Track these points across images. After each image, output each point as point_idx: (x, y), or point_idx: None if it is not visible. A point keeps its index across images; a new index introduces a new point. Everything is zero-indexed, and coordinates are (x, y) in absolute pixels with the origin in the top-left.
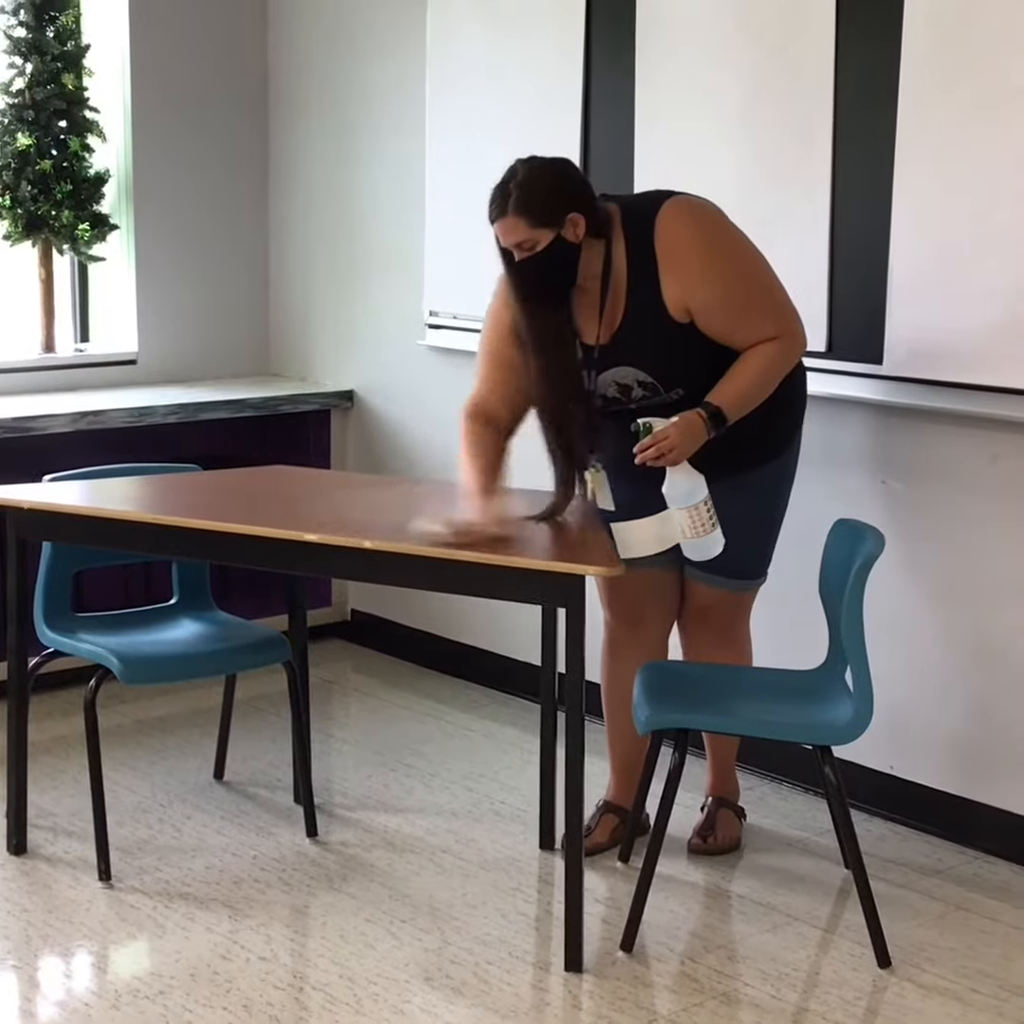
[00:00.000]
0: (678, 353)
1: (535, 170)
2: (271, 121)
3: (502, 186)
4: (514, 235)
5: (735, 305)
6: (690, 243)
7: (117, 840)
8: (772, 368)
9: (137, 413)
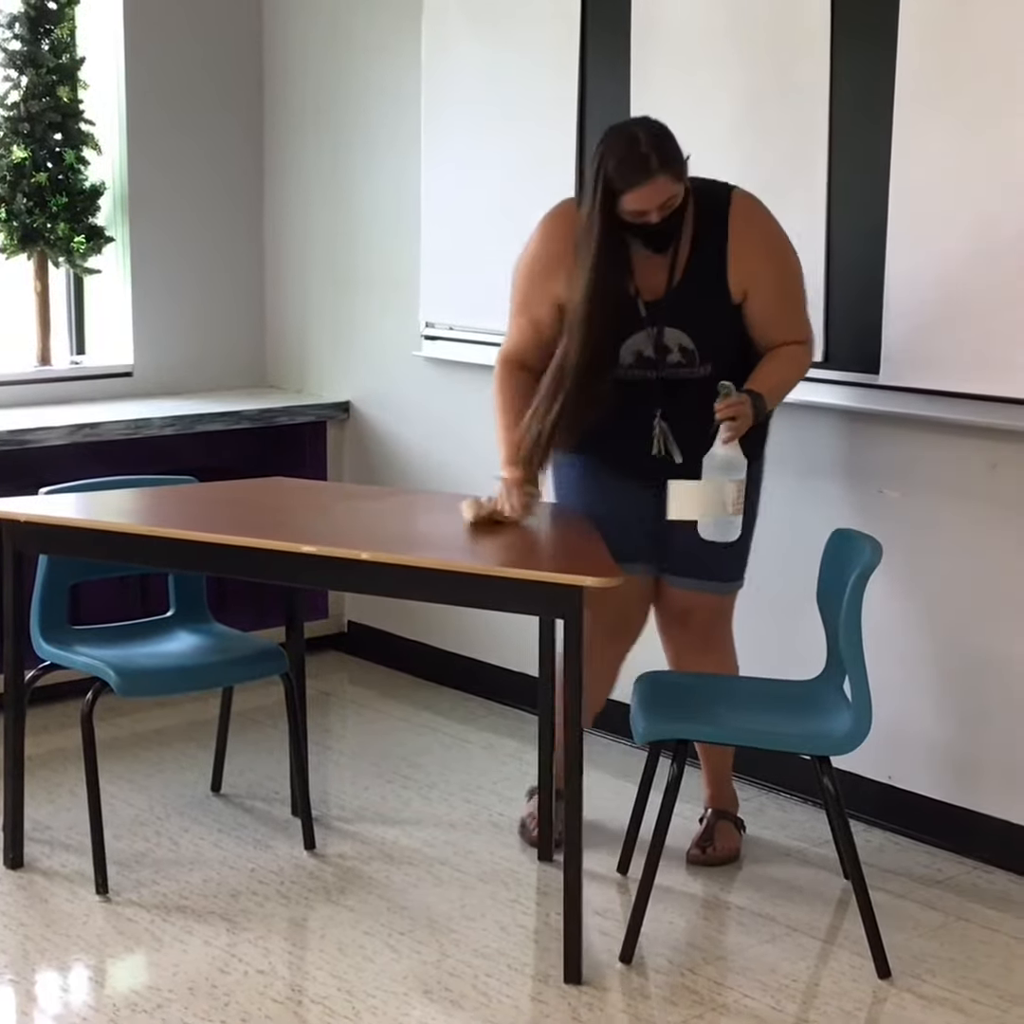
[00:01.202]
0: (724, 328)
1: (656, 129)
2: (266, 133)
3: (631, 152)
4: (664, 193)
5: (787, 299)
6: (764, 229)
7: (114, 853)
8: (799, 370)
9: (133, 425)
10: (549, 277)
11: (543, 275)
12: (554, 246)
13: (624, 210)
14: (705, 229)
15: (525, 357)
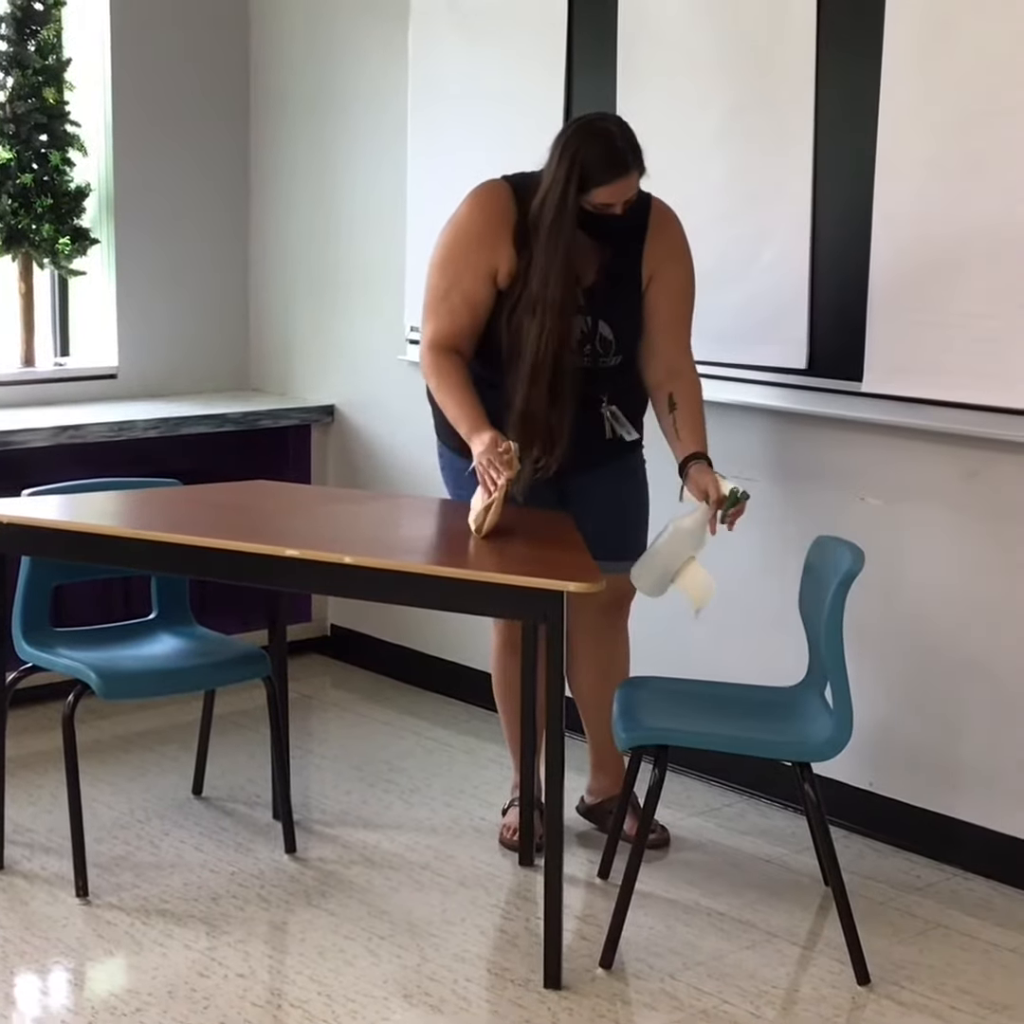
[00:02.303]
0: (635, 317)
1: (625, 125)
2: (252, 135)
3: (609, 148)
4: (633, 188)
5: (683, 302)
6: (678, 232)
7: (95, 856)
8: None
9: (117, 427)
10: (485, 252)
11: (479, 250)
12: (489, 222)
13: (591, 202)
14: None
15: (458, 342)
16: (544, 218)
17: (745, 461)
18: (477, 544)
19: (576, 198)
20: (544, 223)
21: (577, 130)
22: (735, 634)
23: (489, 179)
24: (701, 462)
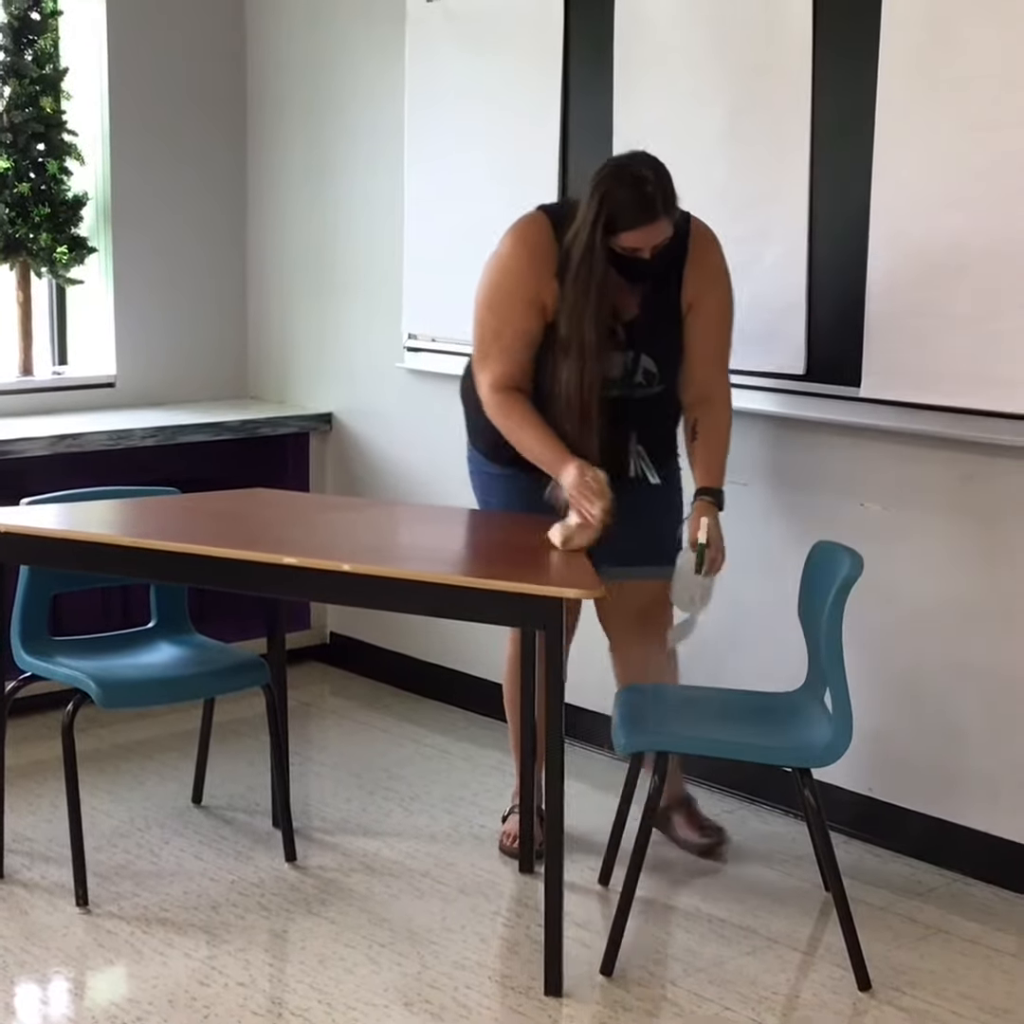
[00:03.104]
0: (677, 346)
1: (659, 169)
2: (249, 143)
3: (638, 192)
4: (662, 234)
5: (722, 331)
6: (718, 258)
7: (94, 865)
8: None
9: (115, 436)
10: (531, 287)
11: (526, 285)
12: (532, 257)
13: (619, 245)
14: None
15: (518, 380)
16: (573, 258)
17: (744, 466)
18: (475, 551)
19: (604, 240)
20: (573, 263)
21: (610, 171)
22: (734, 640)
23: (528, 212)
24: (704, 499)
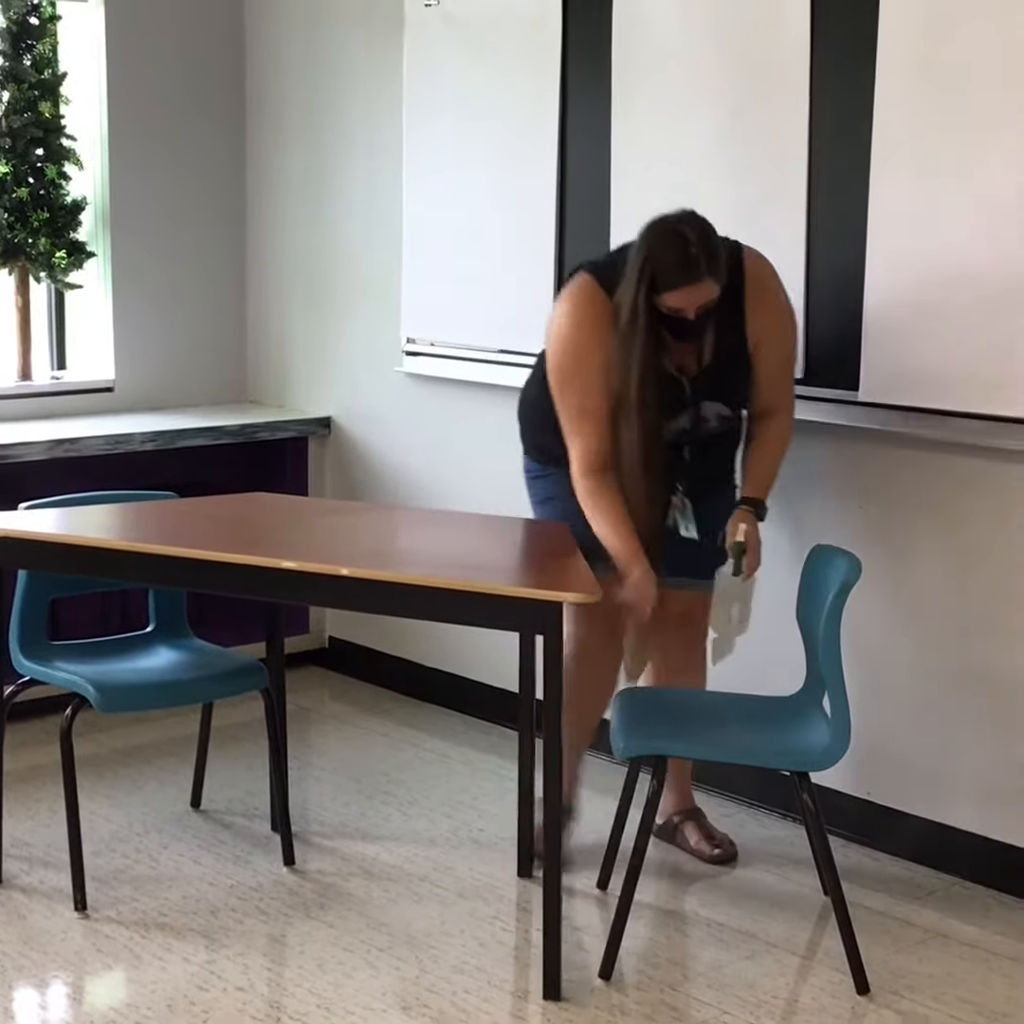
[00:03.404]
0: (746, 384)
1: (704, 228)
2: (248, 148)
3: (682, 253)
4: (706, 295)
5: (788, 362)
6: (777, 290)
7: (93, 870)
8: (784, 452)
9: (114, 441)
10: (598, 357)
11: (592, 357)
12: (593, 328)
13: (663, 305)
14: (724, 295)
15: (606, 455)
16: (621, 318)
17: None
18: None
19: (648, 300)
20: (620, 324)
21: (655, 231)
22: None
23: (578, 277)
24: (744, 508)
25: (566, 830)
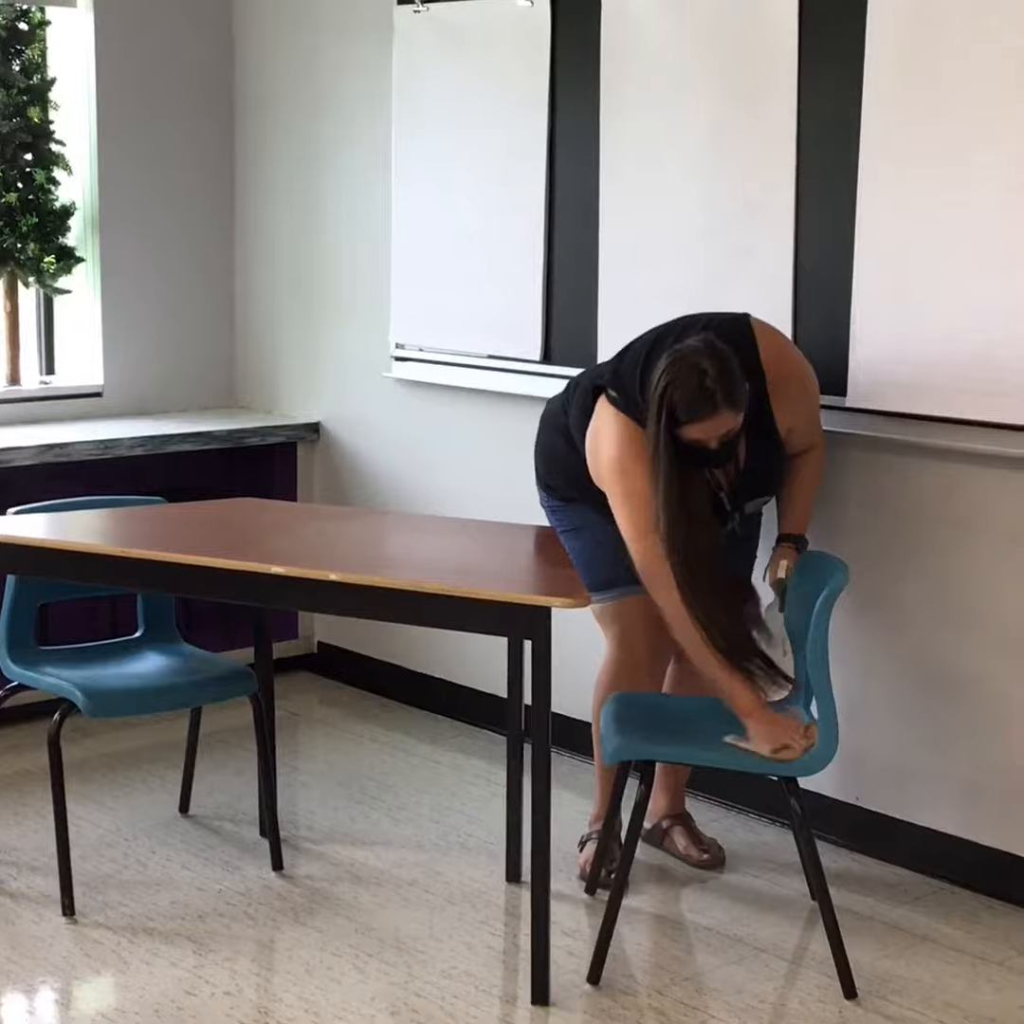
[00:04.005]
0: (782, 466)
1: (722, 359)
2: (237, 154)
3: (698, 386)
4: (725, 426)
5: (815, 420)
6: (795, 370)
7: (81, 875)
8: (820, 480)
9: (103, 445)
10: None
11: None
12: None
13: (684, 436)
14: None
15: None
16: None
17: None
18: (463, 560)
19: (669, 432)
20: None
21: (672, 361)
22: None
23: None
24: (785, 545)
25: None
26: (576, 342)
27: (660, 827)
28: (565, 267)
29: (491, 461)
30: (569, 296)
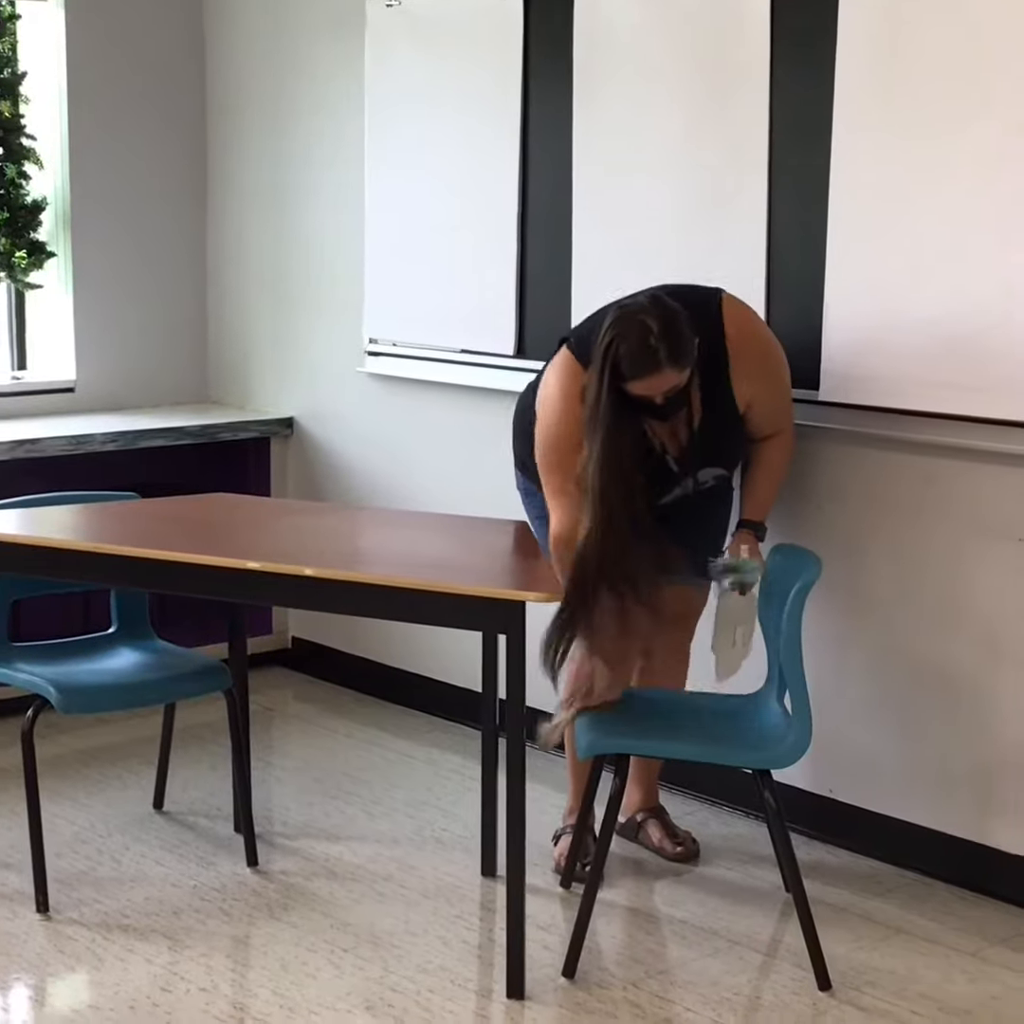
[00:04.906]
0: (740, 442)
1: (668, 316)
2: (209, 148)
3: (642, 343)
4: (669, 383)
5: (781, 403)
6: (760, 345)
7: (55, 872)
8: (786, 466)
9: (75, 441)
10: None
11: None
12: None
13: (631, 392)
14: (705, 358)
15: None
16: (586, 407)
17: None
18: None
19: (611, 388)
20: (586, 412)
21: (617, 318)
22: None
23: (563, 355)
24: (745, 531)
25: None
26: (549, 336)
27: (634, 820)
28: (538, 261)
29: (465, 455)
30: (542, 290)
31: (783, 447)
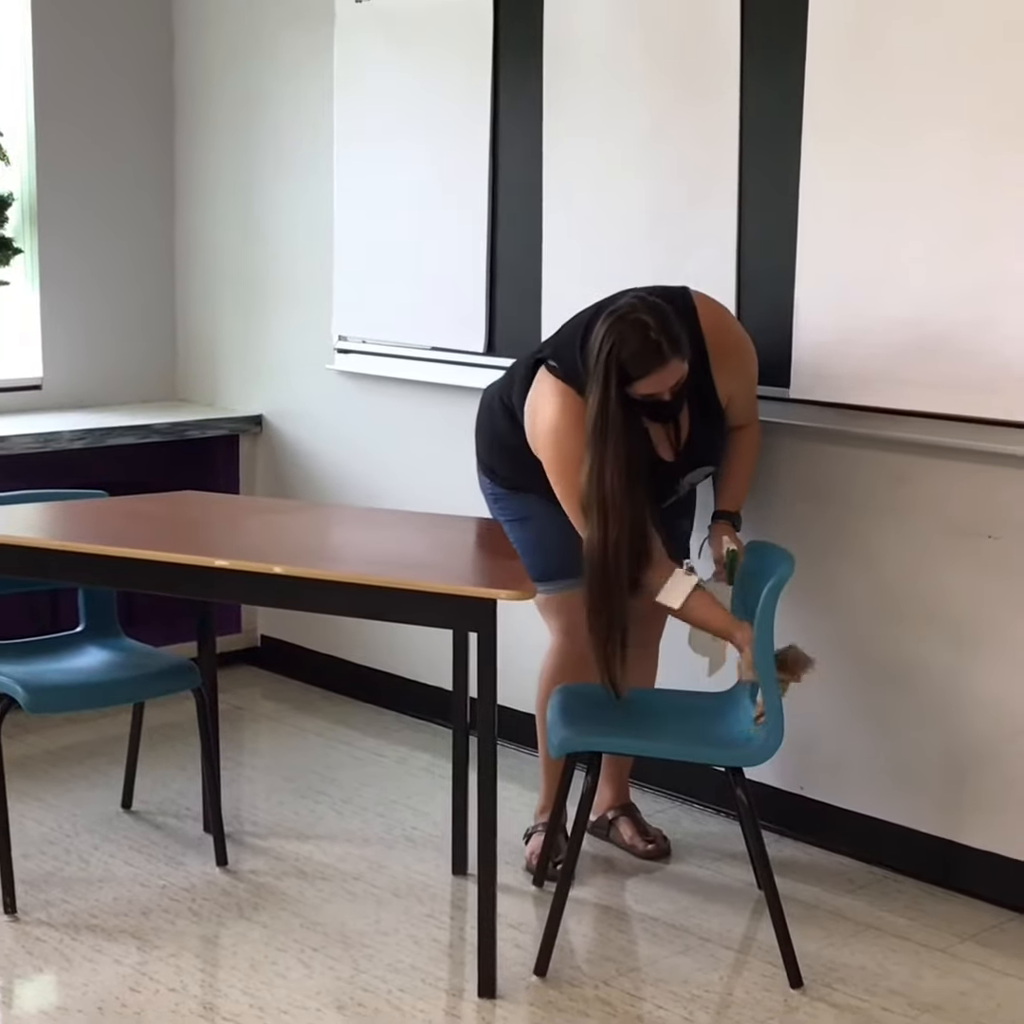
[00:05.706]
0: (725, 436)
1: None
2: (177, 145)
3: (644, 340)
4: (676, 374)
5: (753, 396)
6: (734, 341)
7: (23, 872)
8: (756, 457)
9: (42, 439)
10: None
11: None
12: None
13: (637, 392)
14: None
15: None
16: (589, 418)
17: None
18: (407, 552)
19: (619, 394)
20: (589, 423)
21: (612, 324)
22: (666, 639)
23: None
24: (723, 521)
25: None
26: (520, 334)
27: (606, 818)
28: (508, 258)
29: (435, 453)
30: (513, 287)
31: (754, 436)
